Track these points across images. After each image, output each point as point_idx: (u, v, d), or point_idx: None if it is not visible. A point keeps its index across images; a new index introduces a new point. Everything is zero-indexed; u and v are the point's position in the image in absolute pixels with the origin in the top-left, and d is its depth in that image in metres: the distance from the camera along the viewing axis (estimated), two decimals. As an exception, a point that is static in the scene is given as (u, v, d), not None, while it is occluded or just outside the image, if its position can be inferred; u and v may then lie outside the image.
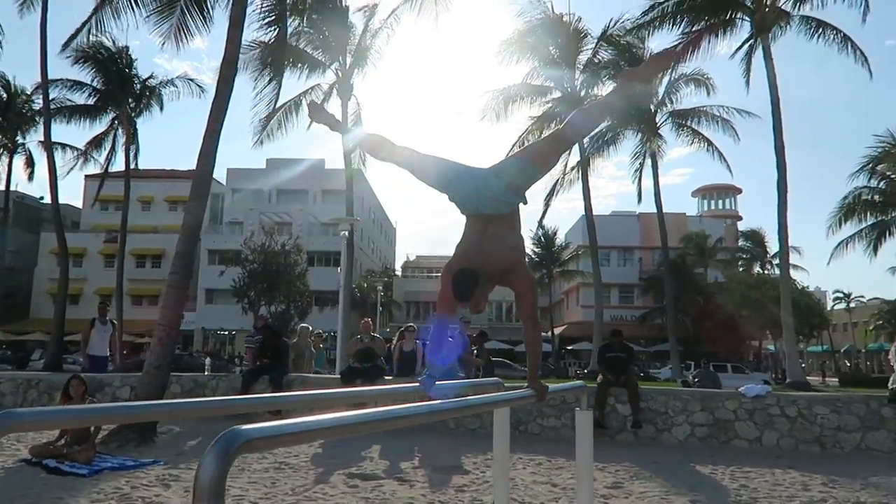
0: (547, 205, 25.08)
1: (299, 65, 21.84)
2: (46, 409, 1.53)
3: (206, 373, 12.52)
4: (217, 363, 23.56)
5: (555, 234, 43.97)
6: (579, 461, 3.85)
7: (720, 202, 52.10)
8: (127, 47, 24.64)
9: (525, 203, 3.18)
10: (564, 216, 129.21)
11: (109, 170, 27.39)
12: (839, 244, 28.51)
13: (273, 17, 16.08)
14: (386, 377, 9.65)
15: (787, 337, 19.16)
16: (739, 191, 51.93)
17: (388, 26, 21.43)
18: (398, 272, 56.81)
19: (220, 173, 51.84)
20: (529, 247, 44.51)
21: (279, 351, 10.01)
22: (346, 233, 17.78)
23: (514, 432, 8.76)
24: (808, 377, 21.22)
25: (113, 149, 26.44)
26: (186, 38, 11.70)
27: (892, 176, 26.49)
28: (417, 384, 3.02)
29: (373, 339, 9.79)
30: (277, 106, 22.30)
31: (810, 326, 37.62)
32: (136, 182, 30.20)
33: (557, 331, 44.64)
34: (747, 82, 21.42)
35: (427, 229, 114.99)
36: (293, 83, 71.15)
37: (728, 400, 8.25)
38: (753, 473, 6.53)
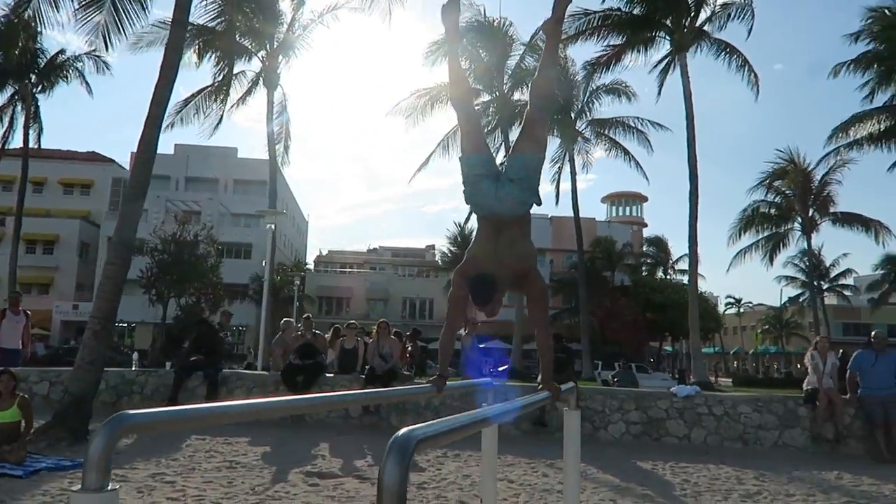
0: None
1: (221, 50, 21.08)
2: (164, 410, 1.49)
3: (133, 368, 11.94)
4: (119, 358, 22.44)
5: (471, 233, 44.53)
6: (567, 460, 3.97)
7: (627, 209, 54.56)
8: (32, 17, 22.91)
9: (539, 203, 3.28)
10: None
11: (6, 147, 25.45)
12: (738, 253, 30.51)
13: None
14: (327, 374, 9.56)
15: (693, 340, 20.35)
16: (645, 199, 54.61)
17: (323, 20, 21.11)
18: (310, 266, 55.83)
19: (122, 157, 49.26)
20: (447, 246, 44.94)
21: (215, 346, 9.71)
22: (273, 226, 17.36)
23: (458, 430, 8.91)
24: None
25: (11, 126, 24.58)
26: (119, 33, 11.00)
27: (787, 192, 28.59)
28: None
29: (314, 335, 9.67)
30: (196, 91, 21.54)
31: (706, 330, 39.98)
32: (30, 162, 28.21)
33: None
34: (658, 93, 22.66)
35: (339, 223, 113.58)
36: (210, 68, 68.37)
37: (660, 399, 8.73)
38: (691, 468, 6.96)
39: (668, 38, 21.22)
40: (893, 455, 7.56)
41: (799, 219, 29.34)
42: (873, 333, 8.43)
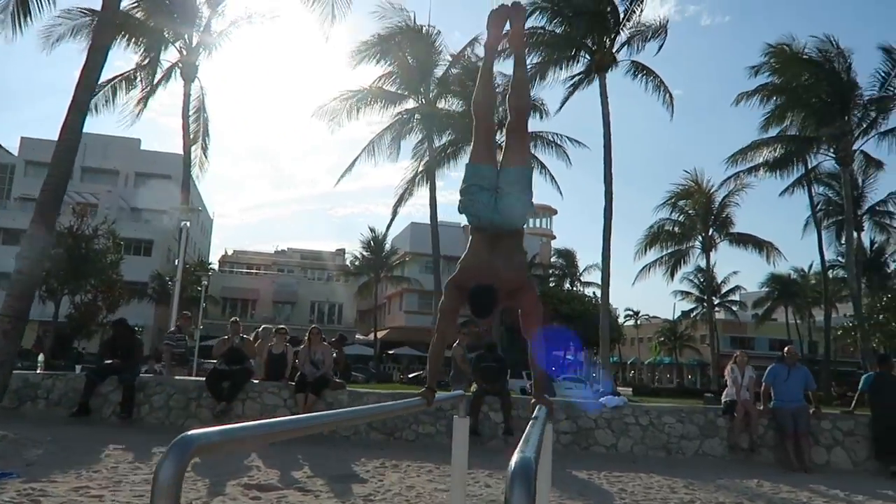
0: (395, 212, 25.34)
1: (136, 38, 20.03)
2: (231, 428, 1.39)
3: (38, 371, 11.04)
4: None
5: (384, 239, 44.33)
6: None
7: (538, 221, 55.97)
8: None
9: (534, 215, 3.32)
10: (396, 221, 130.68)
11: None
12: (644, 268, 31.93)
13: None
14: (254, 380, 9.21)
15: (602, 351, 21.11)
16: (555, 212, 56.25)
17: (247, 17, 20.53)
18: (214, 266, 53.76)
19: (11, 142, 45.71)
20: (359, 250, 44.51)
21: (132, 350, 9.14)
22: (188, 223, 16.60)
23: (390, 439, 8.83)
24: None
25: None
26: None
27: (691, 212, 30.23)
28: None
29: (242, 340, 9.29)
30: (108, 79, 20.35)
31: (610, 340, 41.55)
32: None
33: (380, 335, 44.97)
34: (560, 107, 23.45)
35: (243, 223, 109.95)
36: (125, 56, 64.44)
37: (590, 409, 8.97)
38: (624, 477, 7.17)
39: (588, 57, 21.99)
40: (801, 464, 8.09)
41: (700, 237, 31.15)
42: (785, 349, 9.02)
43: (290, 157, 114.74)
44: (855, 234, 26.61)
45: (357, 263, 46.57)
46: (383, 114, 23.40)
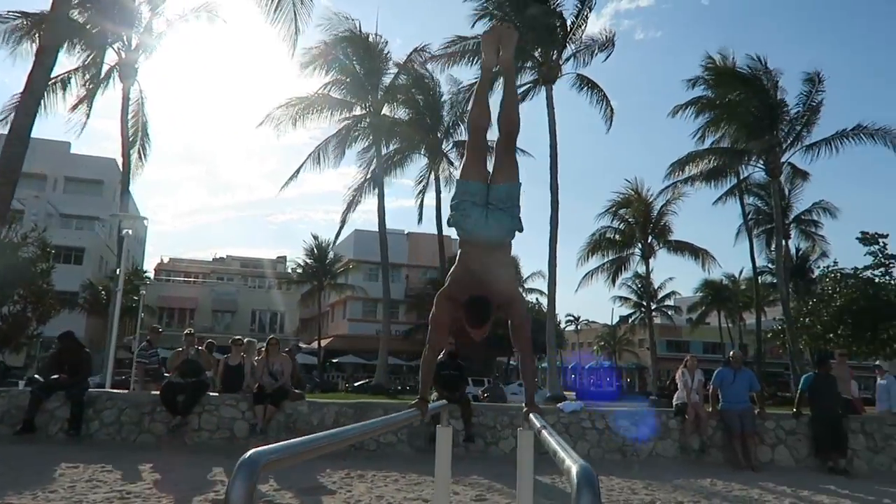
0: (344, 221, 25.15)
1: (75, 40, 19.32)
2: (294, 442, 1.44)
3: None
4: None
5: (328, 246, 43.88)
6: (520, 478, 4.08)
7: (480, 228, 56.50)
8: None
9: (521, 230, 3.44)
10: (334, 228, 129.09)
11: None
12: (586, 275, 32.66)
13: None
14: (211, 393, 9.02)
15: (549, 356, 21.50)
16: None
17: (185, 15, 20.05)
18: (149, 274, 52.04)
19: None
20: (302, 258, 43.91)
21: (80, 364, 8.81)
22: (129, 231, 16.06)
23: (350, 449, 8.78)
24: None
25: None
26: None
27: (631, 220, 31.13)
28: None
29: (198, 353, 9.09)
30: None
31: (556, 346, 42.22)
32: None
33: (323, 343, 44.45)
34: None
35: (176, 229, 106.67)
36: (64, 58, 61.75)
37: (548, 415, 9.14)
38: (585, 481, 7.36)
39: (535, 68, 22.44)
40: (748, 462, 8.48)
41: (639, 245, 32.12)
42: (731, 353, 9.45)
43: (227, 161, 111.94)
44: (783, 241, 27.93)
45: (300, 271, 45.93)
46: (330, 120, 23.29)
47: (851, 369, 10.36)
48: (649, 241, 31.66)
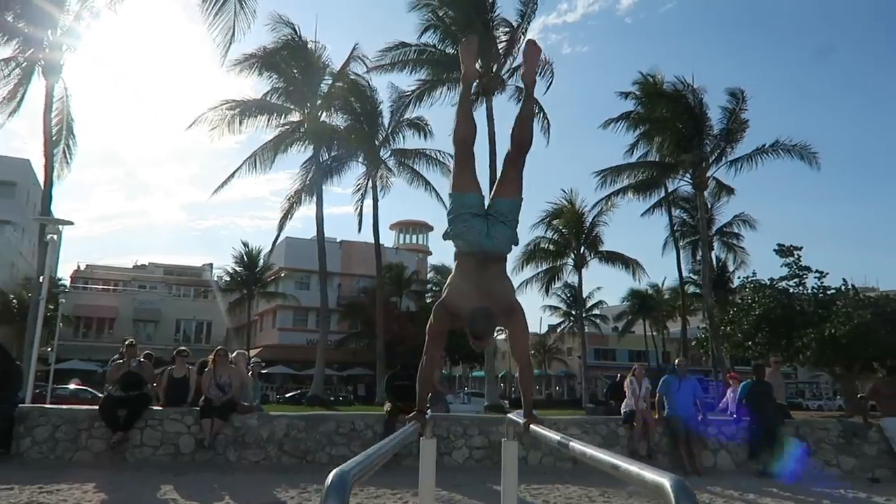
0: (281, 228, 24.62)
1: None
2: (373, 452, 1.42)
3: None
4: None
5: (258, 253, 42.90)
6: (505, 489, 4.06)
7: (414, 237, 56.52)
8: None
9: (517, 243, 3.48)
10: (261, 235, 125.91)
11: None
12: (521, 284, 33.12)
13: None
14: (153, 407, 8.62)
15: (488, 366, 21.70)
16: (431, 228, 57.10)
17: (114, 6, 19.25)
18: (65, 282, 49.40)
19: None
20: (231, 266, 42.75)
21: (10, 377, 8.27)
22: (54, 236, 15.16)
23: (302, 462, 8.60)
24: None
25: None
26: None
27: (564, 230, 31.82)
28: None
29: (140, 365, 8.68)
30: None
31: (482, 354, 42.58)
32: None
33: (252, 353, 43.33)
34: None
35: (92, 234, 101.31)
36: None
37: (502, 424, 9.20)
38: (543, 489, 7.46)
39: (476, 79, 22.73)
40: (693, 467, 8.78)
41: (573, 255, 32.87)
42: (676, 361, 9.78)
43: (147, 164, 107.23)
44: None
45: (227, 279, 44.68)
46: (267, 126, 22.80)
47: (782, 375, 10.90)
48: (582, 251, 32.48)
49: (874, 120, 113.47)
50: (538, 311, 55.64)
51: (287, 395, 33.27)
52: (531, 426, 3.19)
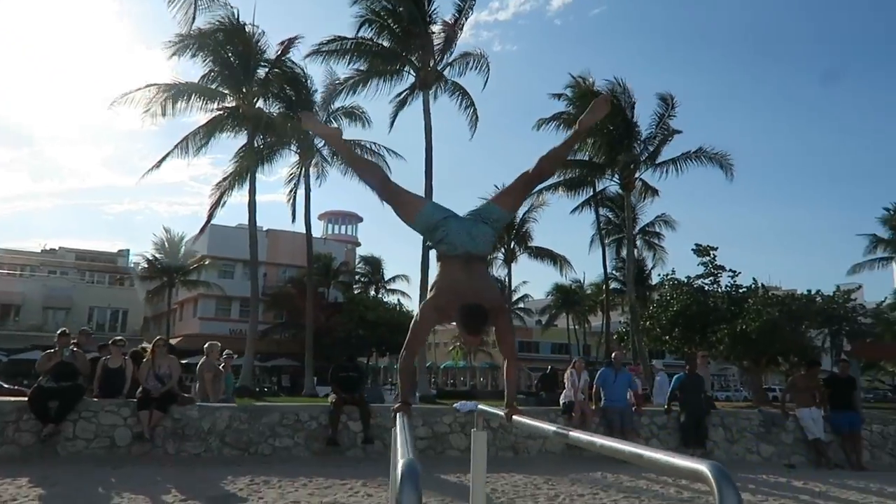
0: (211, 215, 23.82)
1: None
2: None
3: None
4: None
5: (180, 240, 41.42)
6: (473, 479, 4.11)
7: (343, 227, 55.88)
8: None
9: (496, 246, 3.59)
10: (178, 221, 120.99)
11: None
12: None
13: None
14: (87, 398, 8.28)
15: (418, 357, 21.78)
16: (361, 219, 56.66)
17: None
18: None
19: None
20: (151, 252, 41.13)
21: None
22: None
23: (244, 454, 8.48)
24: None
25: None
26: None
27: (495, 225, 32.27)
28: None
29: (73, 354, 8.31)
30: None
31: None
32: None
33: (171, 343, 41.87)
34: (392, 123, 24.26)
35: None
36: None
37: (445, 415, 9.36)
38: (490, 478, 7.62)
39: (413, 73, 22.72)
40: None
41: (503, 250, 33.40)
42: (613, 355, 10.18)
43: (55, 144, 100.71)
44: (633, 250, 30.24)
45: (145, 265, 42.93)
46: (202, 110, 22.03)
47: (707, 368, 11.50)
48: (512, 246, 33.04)
49: (794, 127, 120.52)
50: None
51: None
52: (513, 416, 3.31)
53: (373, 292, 46.50)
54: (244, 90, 22.23)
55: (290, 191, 27.19)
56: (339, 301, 43.64)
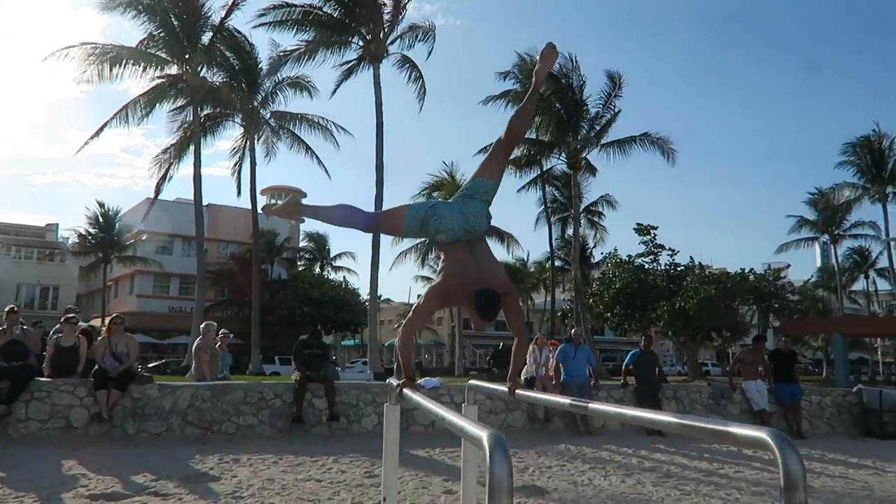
0: (159, 190, 22.96)
1: None
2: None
3: None
4: None
5: (116, 214, 39.89)
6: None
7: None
8: None
9: (490, 220, 3.60)
10: (109, 194, 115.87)
11: None
12: (400, 254, 33.32)
13: None
14: (39, 378, 7.95)
15: (371, 334, 21.79)
16: (305, 194, 55.47)
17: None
18: None
19: None
20: (84, 227, 39.48)
21: None
22: None
23: (207, 433, 8.35)
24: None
25: None
26: None
27: (443, 203, 32.29)
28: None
29: (23, 332, 7.95)
30: None
31: (356, 324, 42.51)
32: None
33: (106, 321, 40.45)
34: (334, 92, 23.85)
35: None
36: None
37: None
38: (457, 453, 7.74)
39: (361, 44, 22.34)
40: (586, 428, 9.47)
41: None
42: (573, 331, 10.41)
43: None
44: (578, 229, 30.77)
45: (78, 241, 41.21)
46: (145, 76, 21.08)
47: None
48: (459, 224, 33.06)
49: (733, 110, 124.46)
50: (410, 281, 56.19)
51: (149, 366, 31.44)
52: (516, 390, 3.38)
53: (318, 270, 45.94)
54: (187, 56, 21.35)
55: (235, 164, 26.50)
56: (283, 278, 42.99)
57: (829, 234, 41.57)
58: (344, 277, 44.79)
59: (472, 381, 4.43)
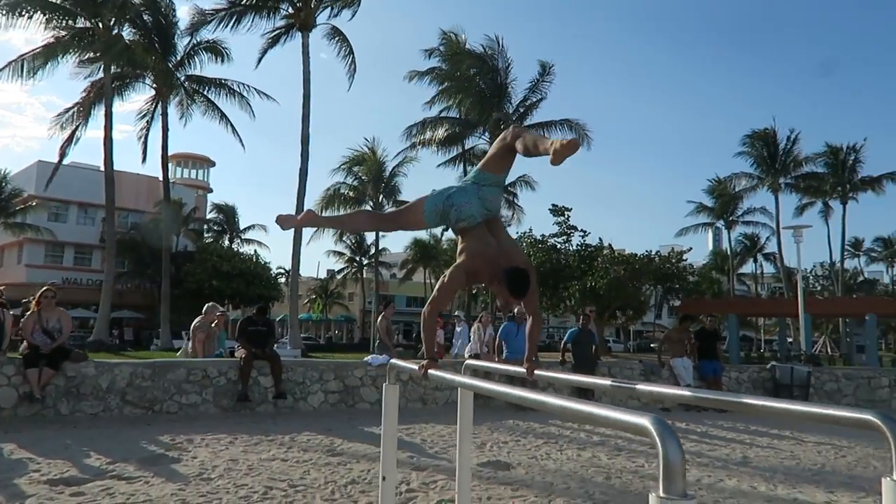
0: (64, 153, 21.29)
1: None
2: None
3: None
4: None
5: (3, 177, 36.82)
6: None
7: (194, 172, 52.17)
8: None
9: (501, 204, 3.70)
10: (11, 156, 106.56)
11: None
12: (316, 230, 32.64)
13: None
14: (-39, 356, 7.33)
15: (292, 310, 21.36)
16: (213, 164, 53.15)
17: None
18: None
19: None
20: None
21: None
22: None
23: (149, 413, 8.02)
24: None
25: None
26: None
27: (363, 177, 31.88)
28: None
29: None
30: None
31: (268, 298, 41.44)
32: None
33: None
34: (259, 61, 23.07)
35: None
36: None
37: (357, 369, 9.35)
38: (413, 429, 7.81)
39: (290, 10, 21.58)
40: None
41: (371, 203, 33.11)
42: (516, 310, 10.62)
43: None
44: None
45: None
46: (48, 27, 19.34)
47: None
48: (380, 199, 32.91)
49: (648, 100, 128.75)
50: (321, 256, 55.49)
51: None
52: (534, 371, 3.49)
53: (227, 242, 44.36)
54: (100, 11, 19.78)
55: (143, 129, 25.01)
56: (189, 251, 41.20)
57: (724, 220, 44.24)
58: (255, 251, 43.49)
59: (469, 361, 4.49)
